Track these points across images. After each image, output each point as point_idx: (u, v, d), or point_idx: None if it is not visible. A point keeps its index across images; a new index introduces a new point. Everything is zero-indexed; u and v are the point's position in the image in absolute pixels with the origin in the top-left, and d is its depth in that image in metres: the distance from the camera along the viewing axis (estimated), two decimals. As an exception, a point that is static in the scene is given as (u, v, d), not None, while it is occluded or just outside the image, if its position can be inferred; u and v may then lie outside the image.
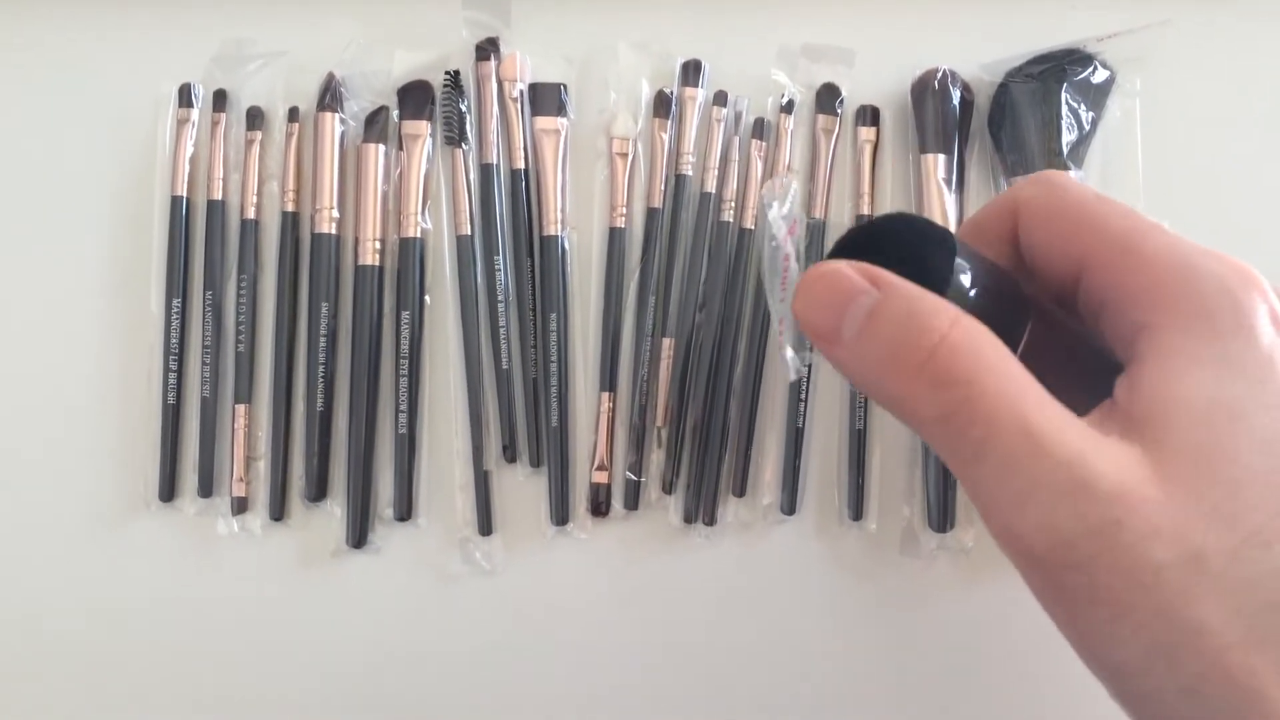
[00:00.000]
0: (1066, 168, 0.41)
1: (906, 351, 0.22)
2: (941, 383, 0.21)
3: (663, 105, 0.44)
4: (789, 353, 0.28)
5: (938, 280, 0.23)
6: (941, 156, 0.43)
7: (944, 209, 0.43)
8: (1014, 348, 0.22)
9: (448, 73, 0.44)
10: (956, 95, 0.43)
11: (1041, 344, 0.24)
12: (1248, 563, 0.19)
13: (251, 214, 0.44)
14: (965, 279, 0.23)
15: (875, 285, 0.23)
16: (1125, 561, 0.19)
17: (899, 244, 0.24)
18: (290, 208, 0.44)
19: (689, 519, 0.42)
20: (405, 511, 0.42)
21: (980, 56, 0.44)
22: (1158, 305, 0.22)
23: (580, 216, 0.44)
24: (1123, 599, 0.20)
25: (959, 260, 0.23)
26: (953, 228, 0.43)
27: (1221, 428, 0.20)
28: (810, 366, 0.43)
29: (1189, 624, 0.19)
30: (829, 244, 0.41)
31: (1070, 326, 0.26)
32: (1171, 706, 0.20)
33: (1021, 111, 0.42)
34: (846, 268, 0.23)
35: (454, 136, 0.44)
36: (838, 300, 0.23)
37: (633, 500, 0.43)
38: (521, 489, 0.43)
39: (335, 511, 0.43)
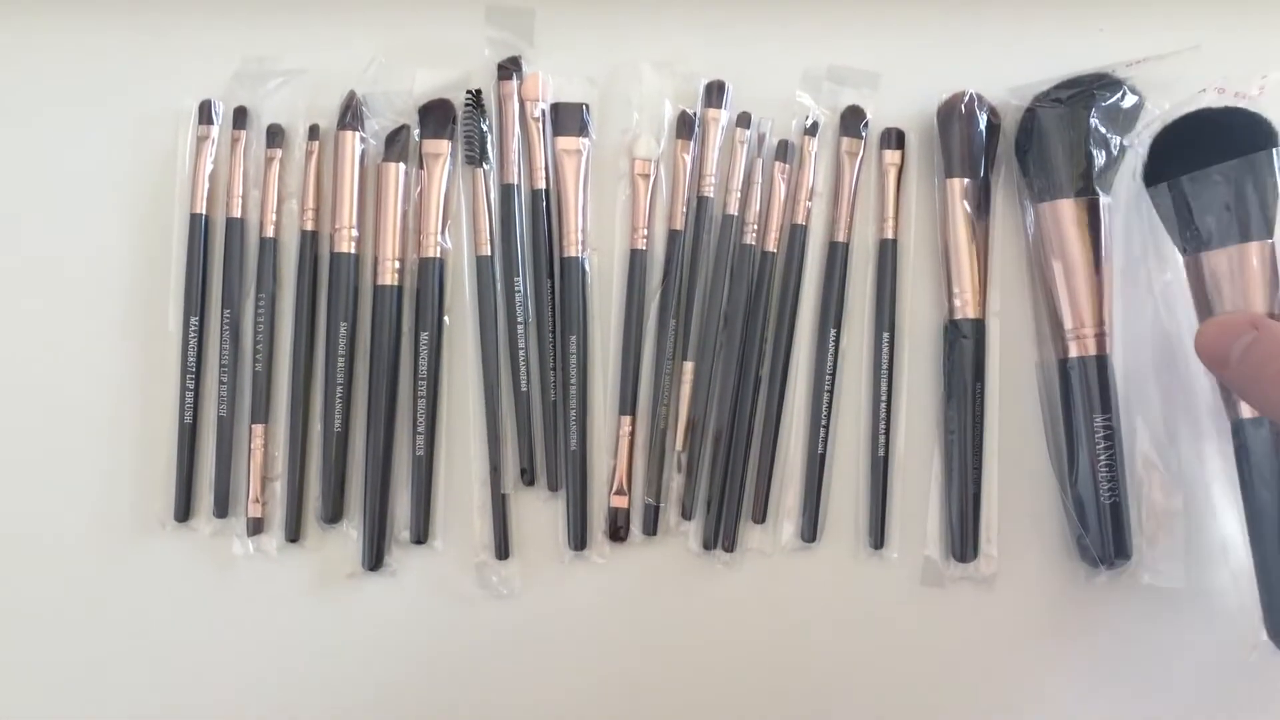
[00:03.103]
0: (1095, 194, 0.41)
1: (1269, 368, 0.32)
2: None
3: (685, 126, 0.44)
4: None
5: None
6: (967, 181, 0.42)
7: (969, 234, 0.42)
8: None
9: (469, 92, 0.44)
10: (983, 119, 0.43)
11: None
12: None
13: (271, 232, 0.43)
14: None
15: (1256, 327, 0.33)
16: None
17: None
18: (310, 226, 0.43)
19: (708, 545, 0.42)
20: (422, 534, 0.42)
21: (1006, 80, 0.44)
22: None
23: (601, 238, 0.44)
24: None
25: None
26: (977, 255, 0.42)
27: None
28: (831, 393, 0.42)
29: None
30: (854, 265, 0.42)
31: None
32: None
33: (1049, 136, 0.42)
34: (1238, 315, 0.36)
35: (475, 156, 0.44)
36: (1227, 336, 0.34)
37: (652, 525, 0.42)
38: (539, 513, 0.43)
39: (351, 533, 0.42)
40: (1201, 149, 0.39)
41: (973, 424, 0.41)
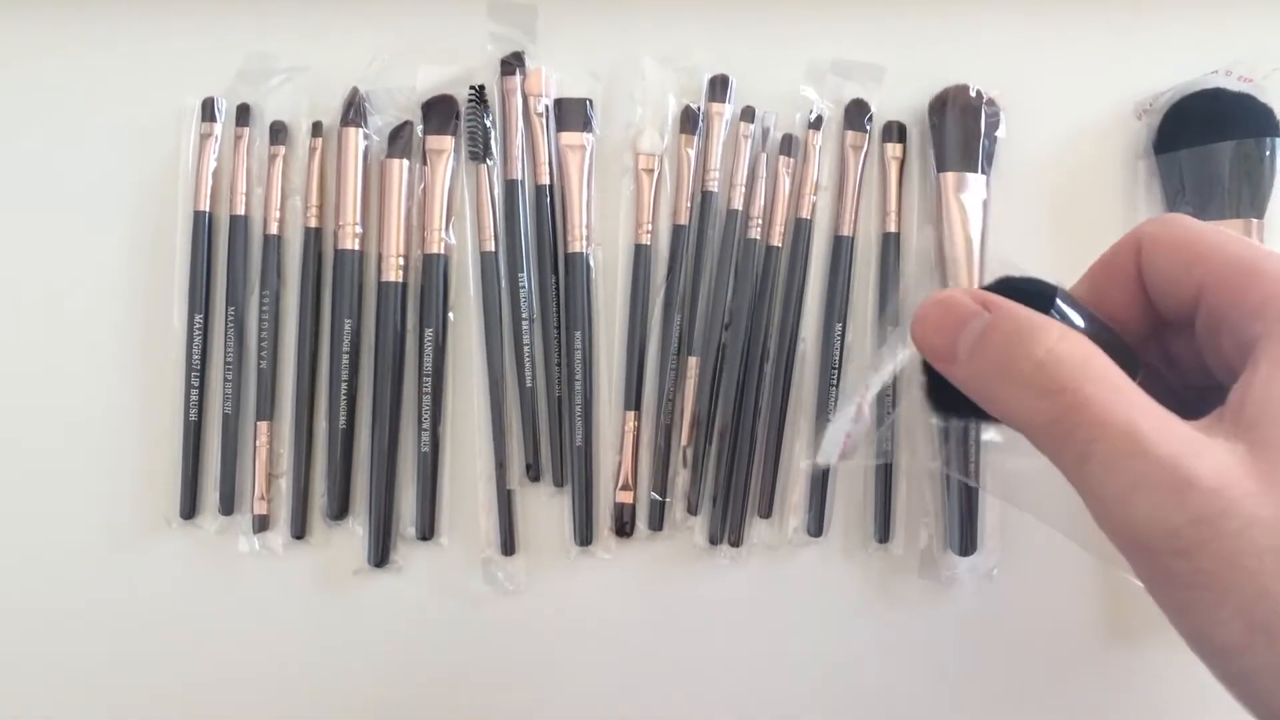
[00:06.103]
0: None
1: (1015, 364, 0.24)
2: (1048, 391, 0.23)
3: (689, 121, 0.44)
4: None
5: None
6: (962, 174, 0.42)
7: (966, 229, 0.42)
8: None
9: (472, 87, 0.44)
10: (980, 111, 0.42)
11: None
12: None
13: (274, 229, 0.43)
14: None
15: (987, 308, 0.25)
16: (1229, 547, 0.21)
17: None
18: (313, 223, 0.43)
19: (714, 540, 0.42)
20: (427, 530, 0.42)
21: (1008, 72, 0.43)
22: (1273, 316, 0.23)
23: (605, 233, 0.44)
24: (1226, 582, 0.21)
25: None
26: (975, 248, 0.42)
27: None
28: (836, 387, 0.42)
29: None
30: (858, 259, 0.43)
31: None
32: (1270, 682, 0.22)
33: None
34: (960, 294, 0.26)
35: (478, 152, 0.43)
36: (952, 323, 0.25)
37: (657, 521, 0.42)
38: (545, 508, 0.43)
39: (357, 530, 0.42)
40: (1209, 127, 0.40)
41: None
